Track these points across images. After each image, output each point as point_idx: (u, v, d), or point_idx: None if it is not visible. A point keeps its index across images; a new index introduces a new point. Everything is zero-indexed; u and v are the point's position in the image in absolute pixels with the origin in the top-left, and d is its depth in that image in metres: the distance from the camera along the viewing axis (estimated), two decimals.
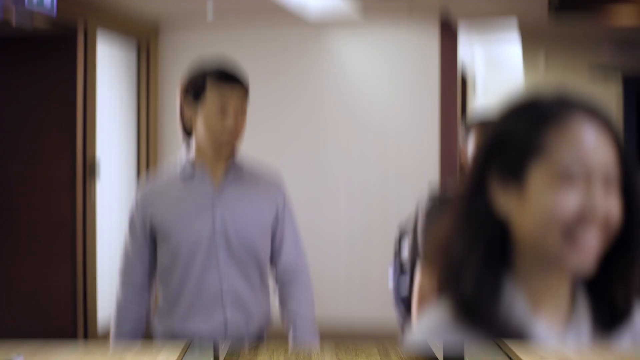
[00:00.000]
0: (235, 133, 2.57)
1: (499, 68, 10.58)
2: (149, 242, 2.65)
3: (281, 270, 2.74)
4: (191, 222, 2.57)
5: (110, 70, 6.29)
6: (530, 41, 7.72)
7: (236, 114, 2.56)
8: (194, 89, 2.60)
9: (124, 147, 6.50)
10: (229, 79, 2.57)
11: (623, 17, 6.14)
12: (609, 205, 1.21)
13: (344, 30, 6.53)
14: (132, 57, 6.58)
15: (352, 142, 6.55)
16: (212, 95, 2.56)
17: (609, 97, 10.93)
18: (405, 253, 3.10)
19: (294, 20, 6.14)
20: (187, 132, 2.69)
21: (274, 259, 2.73)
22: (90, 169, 5.71)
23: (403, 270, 3.13)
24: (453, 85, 6.46)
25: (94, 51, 5.77)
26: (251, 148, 6.76)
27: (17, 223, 5.75)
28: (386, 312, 5.22)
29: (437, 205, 2.89)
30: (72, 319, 5.68)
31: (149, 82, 6.59)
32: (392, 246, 7.00)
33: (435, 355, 1.18)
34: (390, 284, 3.19)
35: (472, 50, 8.26)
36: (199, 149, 2.64)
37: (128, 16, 6.20)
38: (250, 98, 2.65)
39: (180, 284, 2.58)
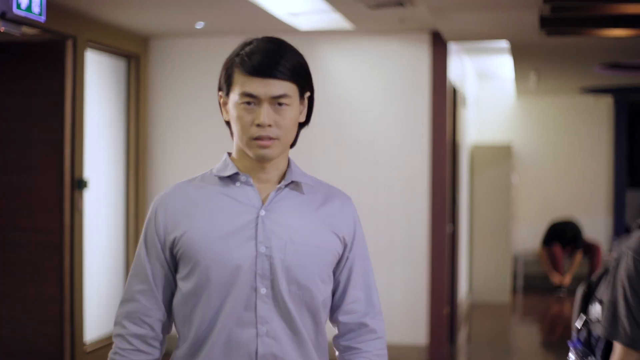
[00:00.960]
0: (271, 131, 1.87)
1: (490, 81, 10.59)
2: (169, 266, 1.94)
3: (344, 325, 2.01)
4: (225, 247, 1.87)
5: (99, 80, 6.24)
6: (522, 59, 7.74)
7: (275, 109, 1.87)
8: (226, 75, 1.92)
9: (113, 160, 6.44)
10: (257, 71, 1.86)
11: (612, 38, 6.16)
12: None
13: (335, 41, 6.51)
14: (122, 66, 6.54)
15: (341, 155, 6.52)
16: (237, 85, 1.88)
17: (600, 114, 10.95)
18: (596, 325, 2.16)
19: (285, 30, 6.12)
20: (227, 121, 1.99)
21: (334, 308, 2.01)
22: (78, 183, 5.65)
23: (590, 349, 2.18)
24: (443, 98, 6.45)
25: (83, 61, 5.73)
26: None
27: (3, 238, 5.69)
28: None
29: None
30: (59, 337, 5.62)
31: (139, 93, 6.55)
32: (382, 265, 7.00)
33: None
34: None
35: (462, 63, 8.26)
36: (238, 149, 1.97)
37: (118, 27, 6.16)
38: None
39: (203, 329, 1.89)
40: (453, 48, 6.97)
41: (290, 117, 1.89)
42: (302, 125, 1.99)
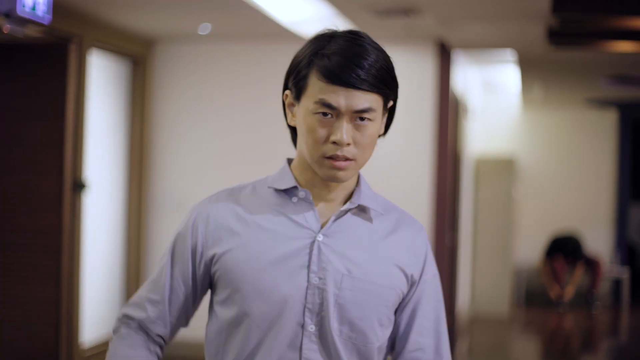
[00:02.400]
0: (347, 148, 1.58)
1: (495, 94, 10.56)
2: (194, 286, 1.69)
3: None
4: (272, 275, 1.60)
5: (103, 82, 6.22)
6: (528, 70, 7.73)
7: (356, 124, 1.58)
8: (297, 75, 1.62)
9: (114, 163, 6.42)
10: (339, 79, 1.55)
11: (619, 50, 6.14)
12: None
13: None
14: (126, 69, 6.52)
15: None
16: (313, 90, 1.58)
17: (604, 129, 10.92)
18: None
19: (289, 36, 6.10)
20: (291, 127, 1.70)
21: (395, 356, 1.73)
22: (78, 184, 5.62)
23: None
24: (447, 108, 6.42)
25: (86, 62, 5.70)
26: (242, 167, 6.76)
27: (1, 239, 5.67)
28: None
29: None
30: (55, 339, 5.59)
31: (142, 96, 6.52)
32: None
33: None
34: None
35: (467, 74, 8.23)
36: (301, 160, 1.67)
37: (122, 30, 6.14)
38: (243, 115, 2.15)
39: None
40: (458, 59, 6.94)
41: (372, 135, 1.59)
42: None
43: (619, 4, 5.16)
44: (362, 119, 1.57)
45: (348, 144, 1.56)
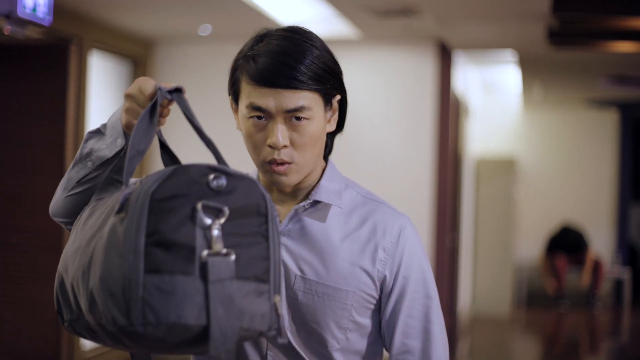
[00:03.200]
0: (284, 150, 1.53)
1: (496, 94, 10.56)
2: None
3: None
4: None
5: (103, 83, 6.22)
6: (528, 70, 7.73)
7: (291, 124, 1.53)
8: (232, 80, 1.63)
9: None
10: (265, 80, 1.51)
11: (618, 51, 6.14)
12: None
13: (339, 50, 6.47)
14: (126, 70, 6.52)
15: (343, 163, 6.48)
16: (244, 95, 1.57)
17: (605, 129, 10.92)
18: None
19: None
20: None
21: (387, 351, 1.64)
22: None
23: None
24: (447, 108, 6.42)
25: (87, 63, 5.70)
26: (241, 168, 6.72)
27: (2, 239, 5.67)
28: None
29: None
30: (56, 340, 5.59)
31: None
32: None
33: None
34: None
35: (467, 74, 8.23)
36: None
37: (122, 31, 6.14)
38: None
39: None
40: (458, 60, 6.94)
41: (311, 134, 1.52)
42: (333, 133, 1.65)
43: (618, 4, 5.16)
44: (297, 118, 1.50)
45: (285, 146, 1.51)
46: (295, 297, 1.56)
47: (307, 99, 1.50)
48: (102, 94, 6.18)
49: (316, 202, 1.59)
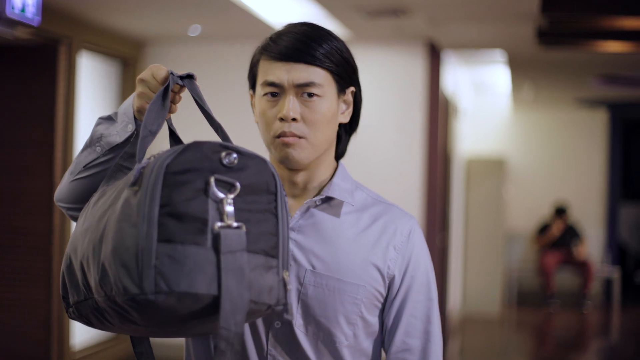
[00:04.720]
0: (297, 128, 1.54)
1: (485, 94, 10.58)
2: None
3: None
4: None
5: (93, 84, 6.20)
6: (518, 70, 7.74)
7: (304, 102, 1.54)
8: (251, 70, 1.66)
9: None
10: (279, 53, 1.55)
11: (608, 50, 6.16)
12: None
13: None
14: (116, 71, 6.51)
15: None
16: (260, 75, 1.60)
17: (595, 129, 10.95)
18: None
19: None
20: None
21: (385, 348, 1.64)
22: None
23: None
24: (437, 108, 6.42)
25: (76, 64, 5.69)
26: None
27: None
28: None
29: None
30: (46, 341, 5.57)
31: None
32: None
33: None
34: None
35: (457, 74, 8.24)
36: (270, 154, 1.64)
37: (112, 31, 6.13)
38: (234, 115, 2.14)
39: None
40: (448, 60, 6.95)
41: (322, 112, 1.53)
42: (348, 130, 1.67)
43: (608, 3, 5.18)
44: (310, 95, 1.53)
45: (295, 119, 1.52)
46: (306, 293, 1.55)
47: (320, 77, 1.53)
48: (92, 95, 6.17)
49: (329, 199, 1.60)
